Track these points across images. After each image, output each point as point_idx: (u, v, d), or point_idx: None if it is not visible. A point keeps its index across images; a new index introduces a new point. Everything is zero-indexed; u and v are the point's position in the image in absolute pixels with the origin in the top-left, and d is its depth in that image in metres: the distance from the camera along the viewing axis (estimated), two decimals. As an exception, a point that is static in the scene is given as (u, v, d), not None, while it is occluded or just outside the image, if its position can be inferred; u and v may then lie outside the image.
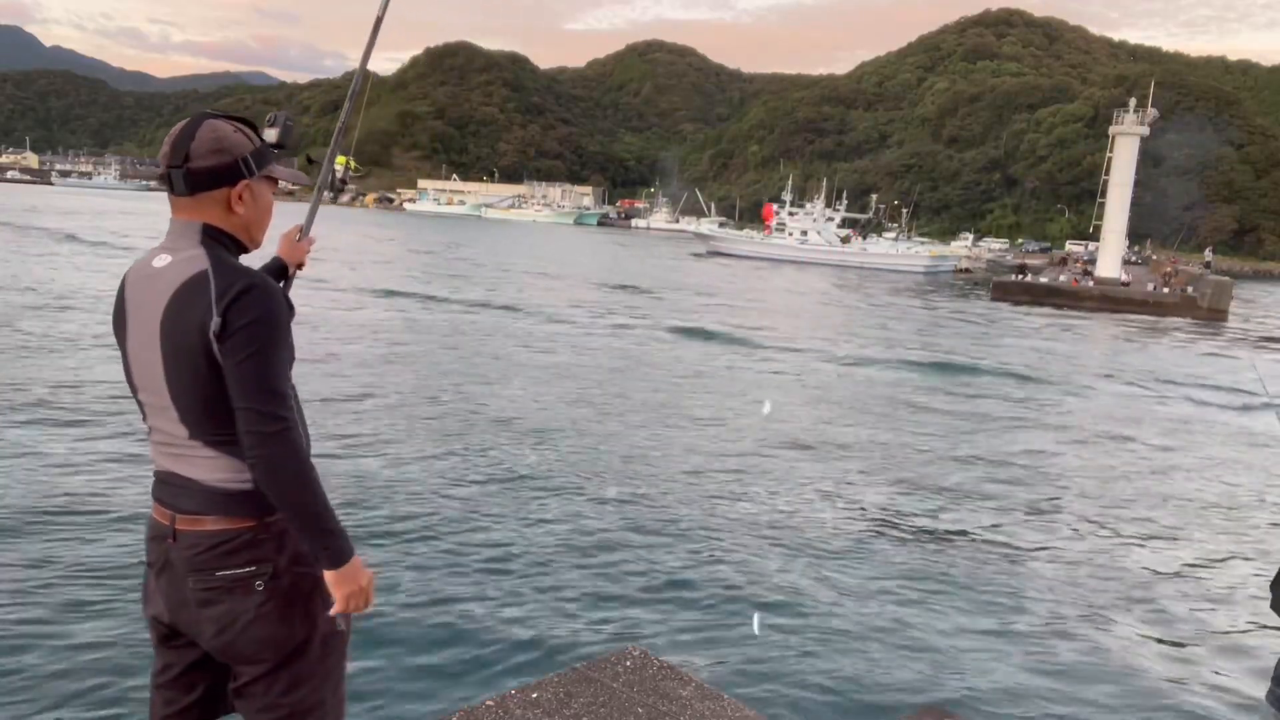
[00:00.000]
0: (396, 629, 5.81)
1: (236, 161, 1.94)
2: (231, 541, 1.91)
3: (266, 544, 1.93)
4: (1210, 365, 23.80)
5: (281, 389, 1.86)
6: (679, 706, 3.12)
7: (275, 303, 1.87)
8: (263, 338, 1.83)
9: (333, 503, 1.85)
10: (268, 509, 1.91)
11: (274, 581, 1.92)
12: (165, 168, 1.92)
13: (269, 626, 1.93)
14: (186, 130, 1.93)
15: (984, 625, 6.62)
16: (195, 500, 1.93)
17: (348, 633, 2.10)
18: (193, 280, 1.86)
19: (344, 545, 1.90)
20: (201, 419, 1.89)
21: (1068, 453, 12.49)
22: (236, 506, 1.91)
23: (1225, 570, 8.27)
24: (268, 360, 1.83)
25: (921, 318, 33.20)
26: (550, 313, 24.44)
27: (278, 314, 1.87)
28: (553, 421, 11.92)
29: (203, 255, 1.89)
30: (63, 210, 64.40)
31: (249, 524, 1.92)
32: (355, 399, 12.28)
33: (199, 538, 1.92)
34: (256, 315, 1.82)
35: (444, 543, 7.28)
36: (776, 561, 7.47)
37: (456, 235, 74.75)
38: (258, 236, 2.05)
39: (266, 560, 1.92)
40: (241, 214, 1.98)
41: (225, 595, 1.91)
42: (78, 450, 8.94)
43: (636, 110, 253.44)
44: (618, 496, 8.91)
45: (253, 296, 1.83)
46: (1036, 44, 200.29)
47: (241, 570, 1.91)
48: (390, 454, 9.74)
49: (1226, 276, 47.99)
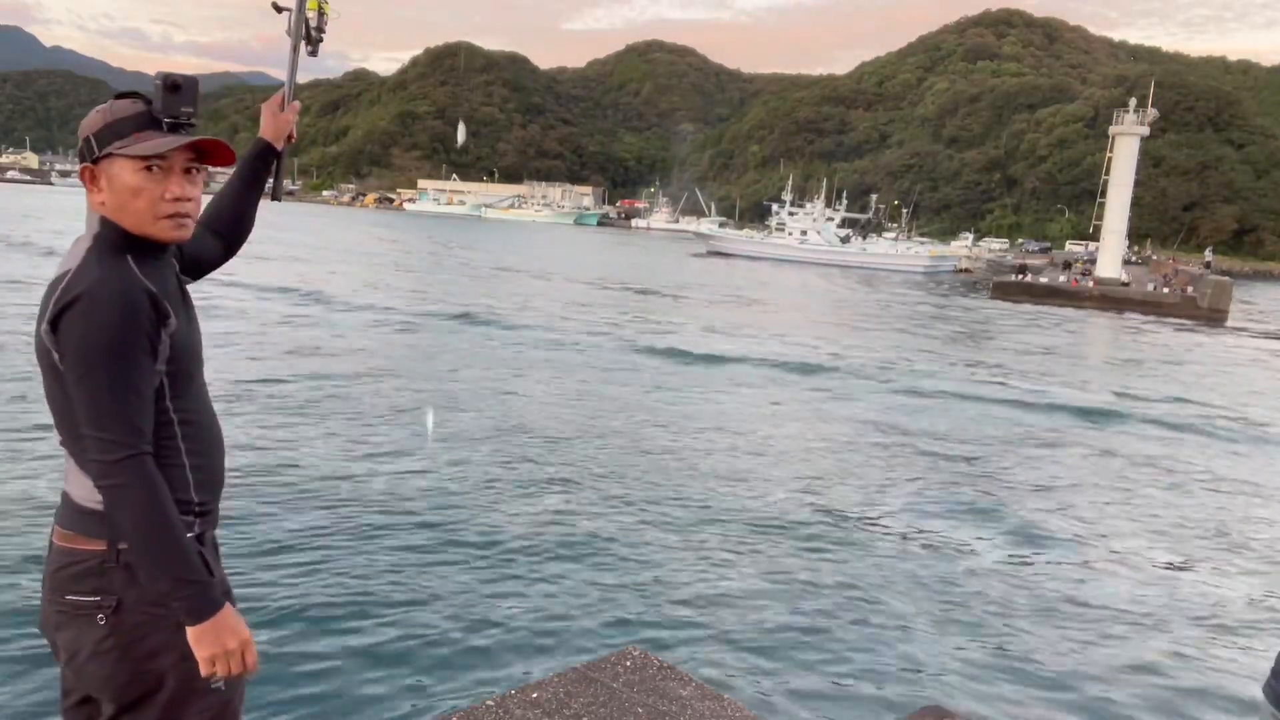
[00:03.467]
0: (396, 629, 5.81)
1: (84, 141, 1.74)
2: (79, 564, 1.72)
3: (114, 574, 1.70)
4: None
5: (125, 411, 1.62)
6: (679, 706, 3.12)
7: (105, 317, 1.62)
8: (92, 359, 1.61)
9: (333, 501, 1.74)
10: (121, 534, 1.68)
11: (116, 617, 1.70)
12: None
13: (108, 665, 1.71)
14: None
15: (984, 626, 6.62)
16: (62, 513, 1.78)
17: (233, 696, 1.81)
18: (55, 279, 1.69)
19: (204, 597, 1.65)
20: (62, 428, 1.73)
21: (1081, 465, 12.48)
22: (88, 525, 1.72)
23: (1225, 571, 8.27)
24: (100, 383, 1.61)
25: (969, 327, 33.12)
26: (546, 323, 24.39)
27: (109, 330, 1.62)
28: (552, 422, 11.92)
29: (82, 250, 1.72)
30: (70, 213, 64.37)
31: (98, 548, 1.71)
32: (352, 400, 12.29)
33: (57, 554, 1.76)
34: (82, 332, 1.61)
35: (443, 543, 7.28)
36: (777, 562, 7.48)
37: (457, 236, 74.74)
38: (130, 222, 1.74)
39: (111, 592, 1.70)
40: (100, 199, 1.75)
41: (71, 621, 1.73)
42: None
43: (636, 110, 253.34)
44: (618, 496, 8.91)
45: (78, 310, 1.61)
46: (1036, 44, 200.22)
47: (85, 598, 1.71)
48: (389, 455, 9.74)
49: (1226, 276, 47.99)
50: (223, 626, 1.67)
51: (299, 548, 6.87)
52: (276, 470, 8.65)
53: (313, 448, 9.66)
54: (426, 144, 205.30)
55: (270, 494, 7.91)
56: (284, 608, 5.87)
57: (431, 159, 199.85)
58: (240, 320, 18.71)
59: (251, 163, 2.16)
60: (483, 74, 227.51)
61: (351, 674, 5.23)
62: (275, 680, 4.95)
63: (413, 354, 16.79)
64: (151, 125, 1.73)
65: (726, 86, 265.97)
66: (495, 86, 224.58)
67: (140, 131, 1.73)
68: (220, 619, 1.66)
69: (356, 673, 5.25)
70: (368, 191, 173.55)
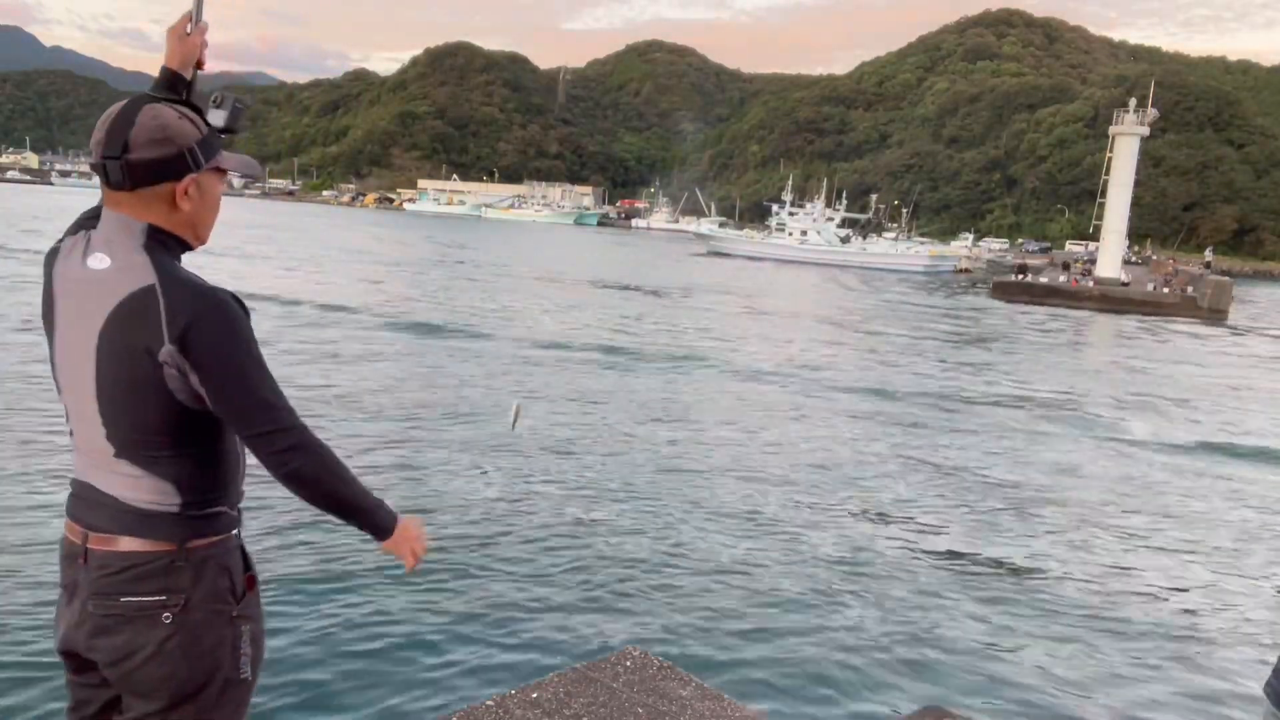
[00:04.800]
0: (396, 628, 5.81)
1: (182, 153, 1.70)
2: (145, 566, 1.73)
3: (183, 573, 1.74)
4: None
5: (269, 398, 1.71)
6: (679, 706, 3.12)
7: (233, 313, 1.69)
8: (237, 356, 1.67)
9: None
10: (192, 534, 1.76)
11: (184, 615, 1.74)
12: (100, 157, 1.67)
13: (170, 664, 1.74)
14: (125, 115, 1.68)
15: (985, 627, 6.62)
16: (110, 518, 1.75)
17: (253, 682, 1.89)
18: (138, 296, 1.65)
19: (385, 515, 1.87)
20: (129, 440, 1.73)
21: (1087, 464, 12.49)
22: (156, 529, 1.74)
23: (1225, 572, 8.27)
24: (248, 377, 1.69)
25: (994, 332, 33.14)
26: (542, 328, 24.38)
27: (238, 325, 1.69)
28: (553, 421, 11.92)
29: (147, 264, 1.68)
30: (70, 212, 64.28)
31: (168, 548, 1.74)
32: (352, 399, 12.29)
33: (110, 558, 1.74)
34: (220, 339, 1.66)
35: (443, 543, 7.27)
36: (777, 562, 7.47)
37: (457, 237, 74.74)
38: (204, 234, 1.83)
39: (180, 591, 1.74)
40: (187, 211, 1.75)
41: (126, 625, 1.73)
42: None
43: (636, 110, 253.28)
44: (618, 497, 8.91)
45: (212, 317, 1.66)
46: (1036, 44, 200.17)
47: (150, 599, 1.73)
48: (388, 457, 9.74)
49: (1226, 276, 47.97)
50: (405, 530, 1.91)
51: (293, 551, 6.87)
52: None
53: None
54: (426, 144, 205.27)
55: (263, 496, 7.91)
56: (284, 608, 5.87)
57: (431, 159, 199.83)
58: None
59: (159, 96, 1.83)
60: (483, 74, 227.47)
61: (351, 674, 5.23)
62: (275, 680, 4.95)
63: (412, 365, 16.80)
64: (220, 140, 1.81)
65: (726, 86, 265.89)
66: (495, 86, 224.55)
67: (220, 148, 1.80)
68: (402, 525, 1.91)
69: (356, 673, 5.25)
70: (368, 191, 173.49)
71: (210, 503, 1.79)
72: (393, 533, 1.88)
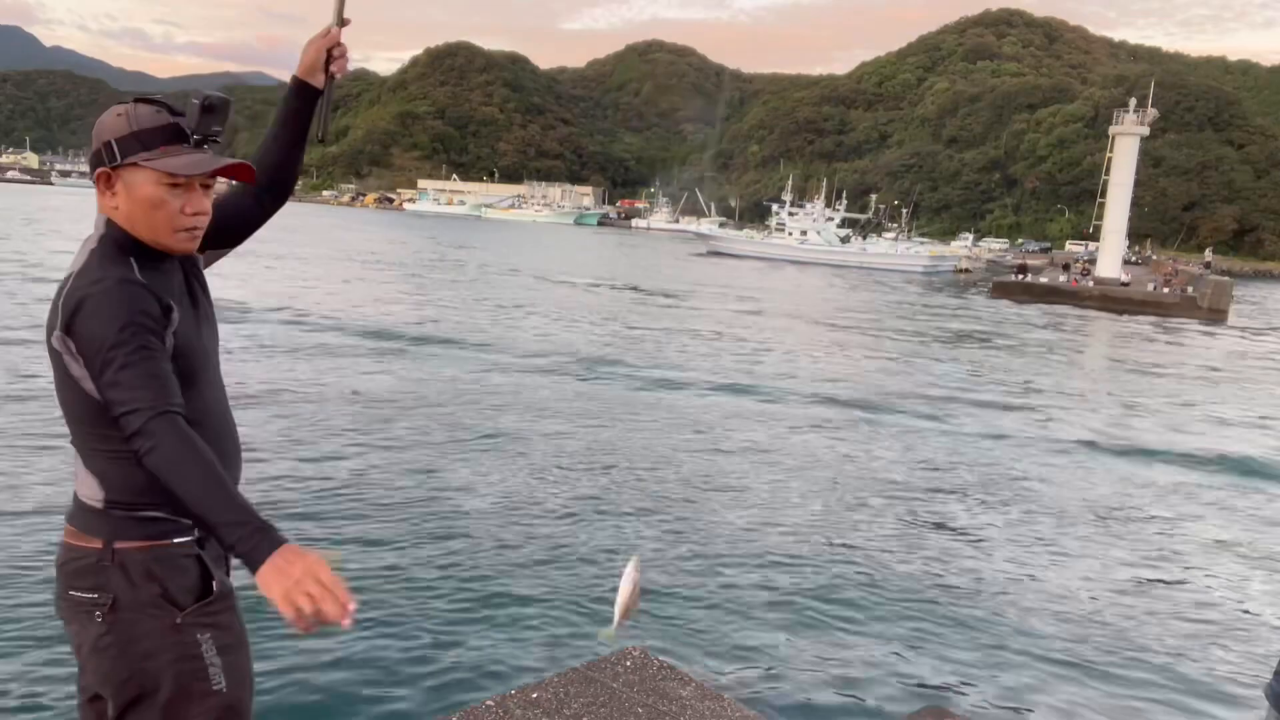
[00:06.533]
0: (396, 628, 5.81)
1: (99, 148, 1.74)
2: (79, 561, 1.75)
3: (110, 573, 1.72)
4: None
5: (148, 381, 1.59)
6: (679, 706, 3.12)
7: (114, 297, 1.63)
8: (109, 337, 1.60)
9: (338, 505, 1.74)
10: (118, 534, 1.73)
11: (113, 615, 1.71)
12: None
13: (107, 662, 1.73)
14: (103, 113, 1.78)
15: (985, 626, 6.62)
16: (71, 510, 1.81)
17: (240, 696, 1.81)
18: (61, 282, 1.71)
19: (252, 539, 1.49)
20: (71, 431, 1.76)
21: (1096, 466, 12.49)
22: (87, 523, 1.75)
23: (1224, 571, 8.27)
24: (121, 362, 1.59)
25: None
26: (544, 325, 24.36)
27: (116, 309, 1.62)
28: (552, 422, 11.93)
29: (82, 257, 1.73)
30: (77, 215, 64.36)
31: (95, 545, 1.74)
32: (359, 403, 12.30)
33: (62, 549, 1.80)
34: (95, 327, 1.61)
35: (443, 543, 7.28)
36: (777, 562, 7.47)
37: (458, 237, 74.75)
38: (145, 234, 1.75)
39: (108, 590, 1.72)
40: (113, 205, 1.75)
41: (75, 616, 1.76)
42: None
43: (636, 110, 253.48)
44: (617, 497, 8.91)
45: (87, 310, 1.63)
46: (1036, 44, 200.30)
47: (84, 595, 1.73)
48: (386, 458, 9.74)
49: (1226, 276, 47.99)
50: (288, 560, 1.48)
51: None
52: (273, 473, 8.66)
53: (311, 449, 9.66)
54: (426, 144, 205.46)
55: (264, 499, 7.92)
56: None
57: (431, 159, 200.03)
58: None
59: (287, 105, 2.06)
60: (483, 74, 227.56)
61: (351, 674, 5.23)
62: (275, 681, 4.95)
63: (427, 384, 16.80)
64: (178, 139, 1.75)
65: (726, 86, 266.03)
66: (495, 86, 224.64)
67: (168, 145, 1.73)
68: (282, 553, 1.49)
69: (356, 673, 5.25)
70: (367, 191, 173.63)
71: (140, 505, 1.73)
72: (266, 563, 1.47)
